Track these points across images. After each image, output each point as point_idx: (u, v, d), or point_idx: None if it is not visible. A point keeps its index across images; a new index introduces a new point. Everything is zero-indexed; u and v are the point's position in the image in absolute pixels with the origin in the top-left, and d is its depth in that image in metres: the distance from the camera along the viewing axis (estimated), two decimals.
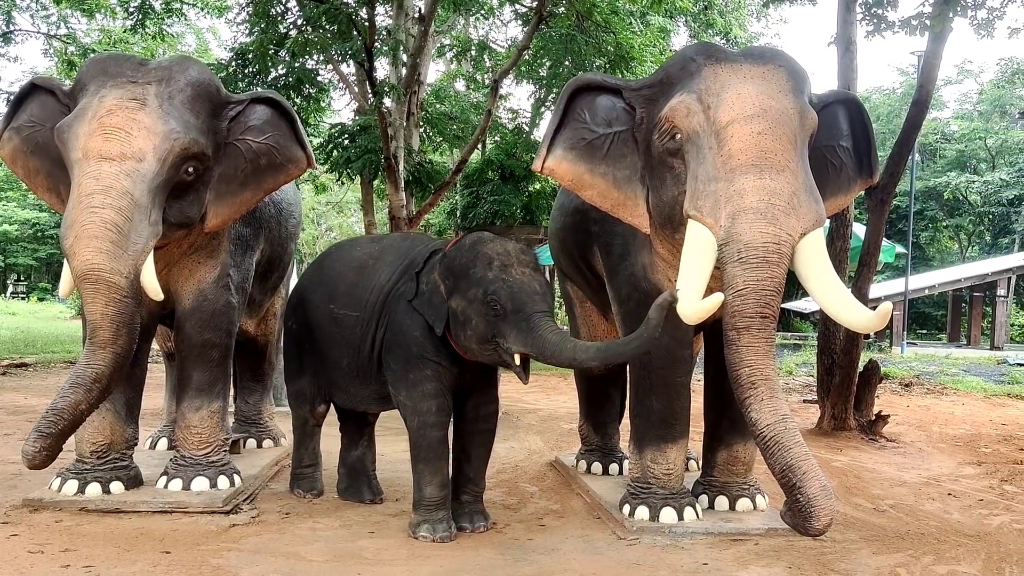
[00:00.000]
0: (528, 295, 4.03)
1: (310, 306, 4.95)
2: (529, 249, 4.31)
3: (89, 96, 4.26)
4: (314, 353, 4.97)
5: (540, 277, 4.16)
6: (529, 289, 4.05)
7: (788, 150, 3.79)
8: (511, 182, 21.92)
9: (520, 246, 4.28)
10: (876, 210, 7.94)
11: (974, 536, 4.59)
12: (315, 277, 5.06)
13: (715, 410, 4.88)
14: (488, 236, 4.30)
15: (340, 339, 4.72)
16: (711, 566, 3.94)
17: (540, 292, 4.07)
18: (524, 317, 3.99)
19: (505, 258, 4.13)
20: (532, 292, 4.04)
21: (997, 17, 8.06)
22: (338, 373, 4.83)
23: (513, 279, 4.06)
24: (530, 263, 4.19)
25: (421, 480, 4.35)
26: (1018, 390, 12.12)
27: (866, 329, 3.94)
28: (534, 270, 4.17)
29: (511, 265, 4.11)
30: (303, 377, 5.08)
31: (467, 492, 4.52)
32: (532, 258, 4.25)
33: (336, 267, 4.92)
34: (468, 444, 4.55)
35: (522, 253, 4.21)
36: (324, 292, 4.85)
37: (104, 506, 4.54)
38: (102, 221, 3.95)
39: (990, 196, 29.97)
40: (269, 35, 11.67)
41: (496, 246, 4.20)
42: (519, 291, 4.03)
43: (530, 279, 4.09)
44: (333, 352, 4.80)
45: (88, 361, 3.98)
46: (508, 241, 4.28)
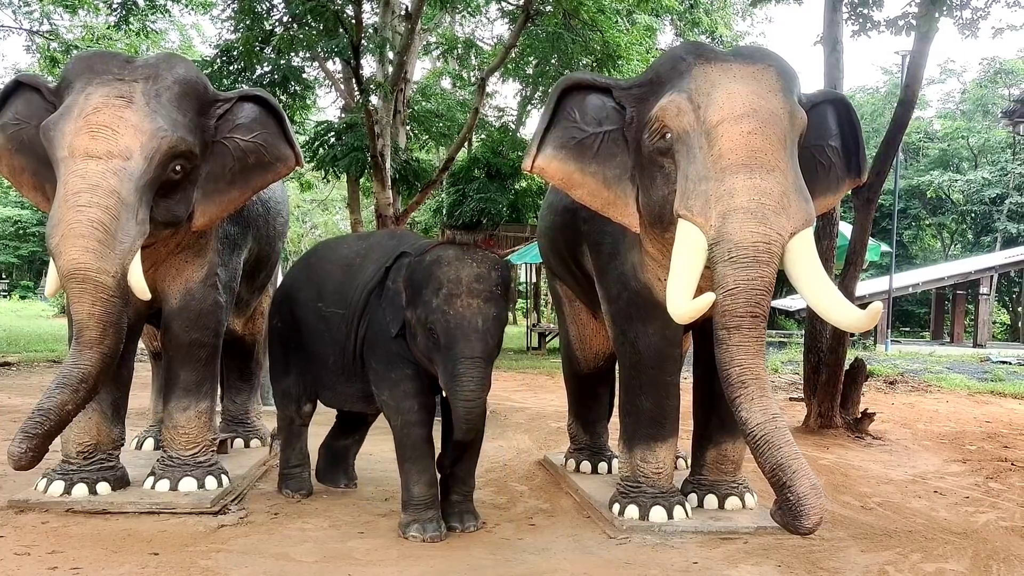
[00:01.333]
0: (464, 334, 3.95)
1: (298, 304, 4.93)
2: (491, 273, 4.11)
3: (75, 94, 4.22)
4: (301, 351, 4.95)
5: (491, 309, 4.03)
6: (468, 327, 3.95)
7: (778, 150, 3.80)
8: (497, 180, 21.94)
9: (479, 270, 4.08)
10: (862, 209, 7.97)
11: (961, 534, 4.61)
12: (302, 275, 5.04)
13: (704, 409, 4.89)
14: (449, 256, 4.13)
15: (327, 338, 4.71)
16: (701, 565, 3.94)
17: (480, 330, 3.97)
18: (452, 359, 3.96)
19: (454, 286, 4.01)
20: (471, 331, 3.95)
21: (981, 17, 8.12)
22: (325, 372, 4.81)
23: (454, 312, 3.97)
24: (483, 292, 4.03)
25: (408, 480, 4.34)
26: (1001, 388, 12.23)
27: (856, 328, 3.95)
28: (486, 300, 4.02)
29: (459, 296, 3.99)
30: (289, 376, 5.07)
31: (457, 492, 4.51)
32: (488, 285, 4.06)
33: (324, 265, 4.90)
34: (457, 444, 4.54)
35: (476, 280, 4.04)
36: (312, 291, 4.83)
37: (91, 507, 4.51)
38: (89, 220, 3.91)
39: (972, 195, 30.17)
40: (255, 32, 11.61)
41: (450, 271, 4.06)
42: (455, 328, 3.96)
43: (474, 314, 3.98)
44: (320, 350, 4.78)
45: (75, 361, 3.95)
46: (469, 262, 4.10)
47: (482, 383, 3.98)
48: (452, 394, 4.00)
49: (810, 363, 8.14)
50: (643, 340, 4.53)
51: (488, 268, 4.13)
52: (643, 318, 4.53)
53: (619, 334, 4.68)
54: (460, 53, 17.70)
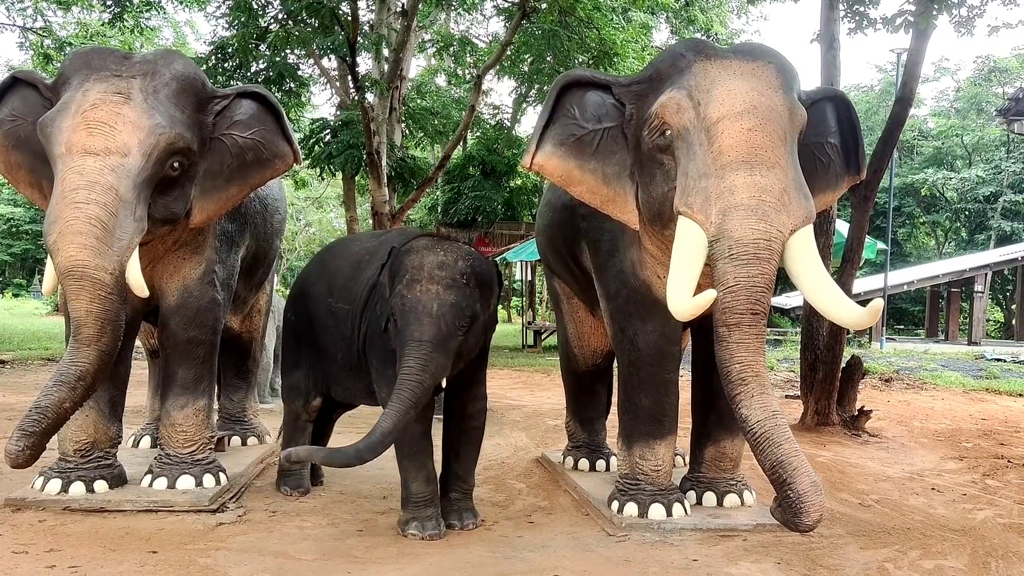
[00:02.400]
0: (416, 316, 3.93)
1: (310, 299, 4.95)
2: (457, 262, 4.08)
3: (72, 90, 4.20)
4: (312, 346, 4.96)
5: (449, 295, 3.97)
6: (421, 311, 3.93)
7: (778, 147, 3.80)
8: (493, 178, 21.94)
9: (444, 258, 4.06)
10: (859, 207, 7.98)
11: (959, 530, 4.62)
12: (316, 271, 5.07)
13: (703, 406, 4.89)
14: (421, 244, 4.15)
15: (336, 333, 4.71)
16: (700, 562, 3.94)
17: (434, 314, 3.93)
18: (403, 341, 3.95)
19: (416, 272, 4.01)
20: (423, 314, 3.92)
21: (977, 15, 8.12)
22: (335, 366, 4.82)
23: (411, 296, 3.96)
24: (444, 279, 3.99)
25: (407, 477, 4.33)
26: (996, 385, 12.27)
27: (856, 326, 3.95)
28: (446, 287, 3.98)
29: (419, 281, 3.99)
30: (299, 370, 5.06)
31: (456, 489, 4.51)
32: (451, 273, 4.02)
33: (336, 261, 4.92)
34: (456, 442, 4.55)
35: (439, 268, 4.02)
36: (324, 286, 4.85)
37: (88, 505, 4.49)
38: (86, 217, 3.89)
39: (967, 193, 30.26)
40: (250, 29, 11.59)
41: (416, 258, 4.06)
42: (409, 311, 3.94)
43: (430, 298, 3.95)
44: (330, 346, 4.79)
45: (72, 359, 3.93)
46: (436, 251, 4.10)
47: (424, 365, 3.88)
48: (399, 376, 3.92)
49: (807, 361, 8.15)
50: (642, 337, 4.53)
51: (455, 257, 4.10)
52: (642, 315, 4.53)
53: (618, 331, 4.68)
54: (456, 50, 17.67)
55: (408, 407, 3.85)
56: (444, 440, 4.57)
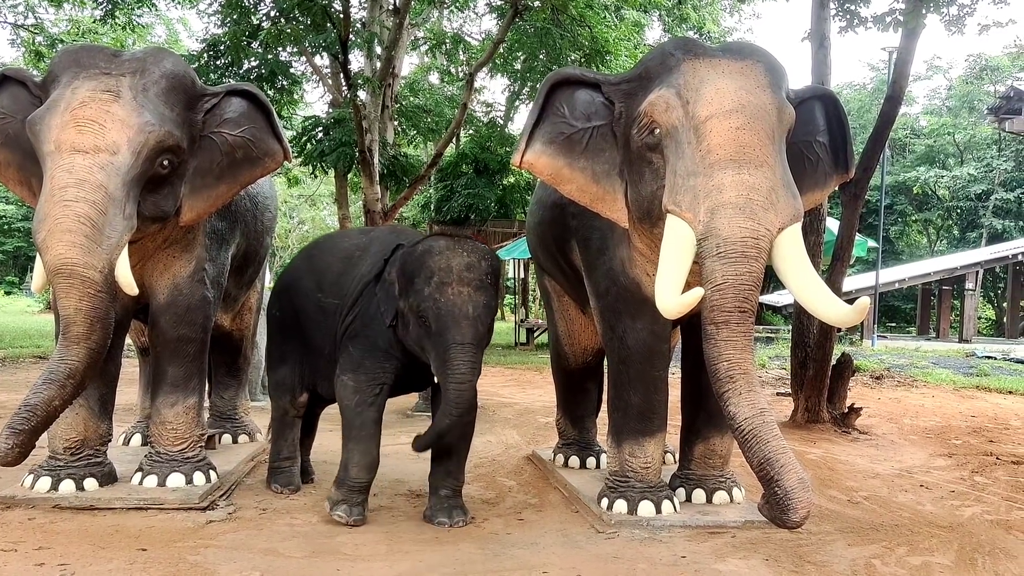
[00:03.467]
0: (455, 320, 4.03)
1: (298, 295, 4.95)
2: (480, 262, 4.20)
3: (62, 88, 4.19)
4: (299, 341, 4.96)
5: (481, 297, 4.12)
6: (459, 313, 4.04)
7: (766, 145, 3.81)
8: (485, 175, 21.91)
9: (470, 259, 4.18)
10: (849, 204, 8.01)
11: (947, 527, 4.64)
12: (304, 266, 5.07)
13: (692, 404, 4.90)
14: (441, 245, 4.22)
15: (325, 328, 4.72)
16: (689, 559, 3.96)
17: (471, 316, 4.06)
18: (444, 346, 4.04)
19: (445, 274, 4.09)
20: (461, 317, 4.04)
21: (968, 14, 8.14)
22: (322, 362, 4.82)
23: (445, 300, 4.05)
24: (473, 281, 4.12)
25: (350, 459, 4.40)
26: (986, 382, 12.31)
27: (843, 324, 3.97)
28: (476, 289, 4.11)
29: (449, 283, 4.08)
30: (285, 365, 5.07)
31: (446, 487, 4.51)
32: (478, 274, 4.15)
33: (325, 257, 4.93)
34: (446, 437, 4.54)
35: (467, 269, 4.13)
36: (312, 281, 4.85)
37: (78, 503, 4.49)
38: (75, 215, 3.89)
39: (958, 191, 30.34)
40: (242, 26, 11.55)
41: (441, 260, 4.14)
42: (446, 314, 4.04)
43: (465, 301, 4.07)
44: (318, 341, 4.80)
45: (62, 357, 3.93)
46: (460, 252, 4.19)
47: (473, 367, 4.06)
48: (443, 379, 4.07)
49: (797, 358, 8.18)
50: (631, 335, 4.54)
51: (478, 258, 4.21)
52: (631, 313, 4.54)
53: (608, 329, 4.69)
54: (448, 48, 17.66)
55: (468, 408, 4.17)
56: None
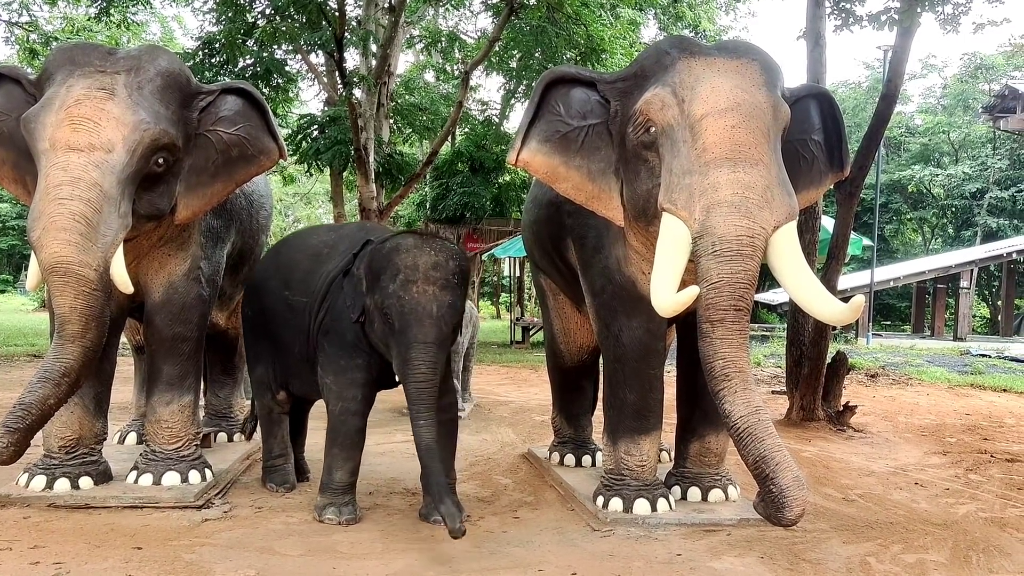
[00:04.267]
0: (418, 318, 4.02)
1: (266, 293, 4.95)
2: (448, 262, 4.16)
3: (56, 86, 4.19)
4: (270, 340, 4.97)
5: (446, 296, 4.08)
6: (422, 312, 4.02)
7: (762, 144, 3.81)
8: (481, 174, 21.90)
9: (437, 258, 4.14)
10: (845, 203, 8.02)
11: (941, 525, 4.66)
12: (272, 265, 5.07)
13: (688, 402, 4.91)
14: (408, 243, 4.20)
15: (294, 326, 4.72)
16: (684, 556, 3.97)
17: (435, 316, 4.03)
18: (406, 344, 4.03)
19: (411, 272, 4.07)
20: (424, 315, 4.01)
21: (963, 12, 8.15)
22: (292, 360, 4.81)
23: (409, 298, 4.04)
24: (438, 280, 4.08)
25: (333, 464, 4.42)
26: (981, 380, 12.33)
27: (838, 322, 3.97)
28: (441, 288, 4.08)
29: (415, 281, 4.05)
30: (260, 364, 5.08)
31: None
32: (444, 273, 4.12)
33: (293, 254, 4.93)
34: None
35: (433, 268, 4.10)
36: (280, 279, 4.85)
37: (73, 502, 4.48)
38: (70, 213, 3.88)
39: (953, 189, 30.36)
40: (237, 24, 11.55)
41: (408, 257, 4.12)
42: (410, 312, 4.03)
43: (429, 300, 4.04)
44: (287, 339, 4.79)
45: (57, 355, 3.92)
46: (427, 250, 4.16)
47: (433, 367, 4.04)
48: (403, 378, 4.07)
49: (792, 356, 8.19)
50: (627, 333, 4.55)
51: (446, 257, 4.18)
52: (627, 311, 4.54)
53: (603, 327, 4.69)
54: (444, 46, 17.65)
55: (433, 412, 4.06)
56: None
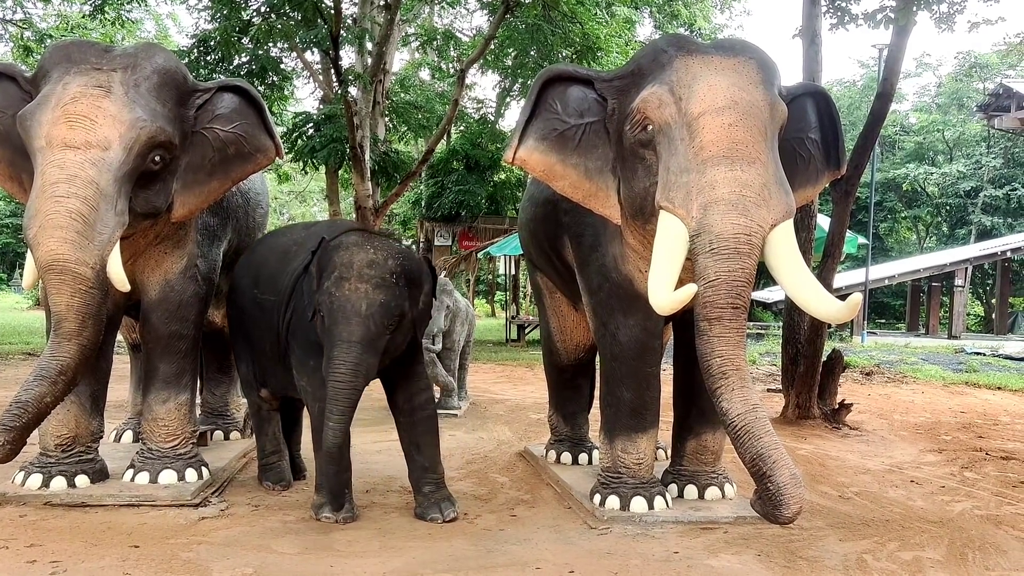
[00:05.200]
0: (345, 316, 3.98)
1: (241, 292, 4.98)
2: (386, 261, 4.10)
3: (52, 83, 4.18)
4: (246, 339, 4.98)
5: (378, 295, 4.01)
6: (350, 310, 3.98)
7: (759, 142, 3.82)
8: (476, 172, 21.93)
9: (374, 257, 4.09)
10: (840, 201, 8.04)
11: (937, 522, 4.67)
12: (246, 263, 5.09)
13: (684, 400, 4.92)
14: (350, 241, 4.17)
15: (264, 324, 4.72)
16: (682, 554, 3.97)
17: (363, 314, 3.97)
18: (332, 342, 4.01)
19: (345, 270, 4.04)
20: (352, 314, 3.97)
21: (958, 11, 8.17)
22: (266, 359, 4.82)
23: (339, 295, 4.00)
24: (372, 278, 4.03)
25: (323, 466, 4.42)
26: (975, 378, 12.37)
27: (835, 319, 3.98)
28: (375, 287, 4.02)
29: (348, 279, 4.02)
30: (243, 362, 5.11)
31: (427, 482, 4.51)
32: (380, 272, 4.05)
33: (263, 253, 4.94)
34: (413, 435, 4.55)
35: (368, 266, 4.05)
36: (251, 278, 4.87)
37: (69, 500, 4.47)
38: (67, 211, 3.88)
39: (948, 188, 30.42)
40: (232, 22, 11.54)
41: (345, 255, 4.09)
42: (337, 310, 4.00)
43: (359, 298, 3.99)
44: (259, 338, 4.80)
45: (53, 353, 3.92)
46: (367, 248, 4.11)
47: (355, 368, 3.98)
48: (326, 376, 4.02)
49: (788, 355, 8.20)
50: (624, 331, 4.55)
51: (385, 256, 4.12)
52: (624, 310, 4.54)
53: (600, 326, 4.69)
54: (439, 44, 17.63)
55: (347, 414, 4.01)
56: (401, 438, 4.60)
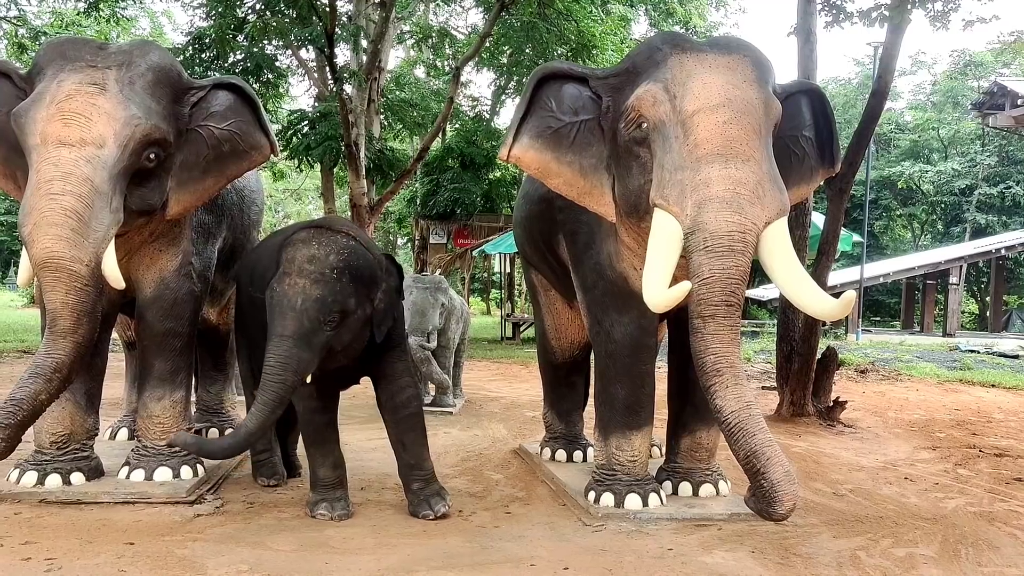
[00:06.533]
0: (281, 311, 3.97)
1: (240, 290, 5.02)
2: (329, 256, 4.05)
3: (47, 80, 4.17)
4: (245, 336, 5.01)
5: (315, 290, 3.96)
6: (286, 304, 3.96)
7: (753, 140, 3.83)
8: (471, 170, 21.93)
9: (317, 252, 4.05)
10: (835, 199, 8.05)
11: (931, 519, 4.68)
12: (245, 261, 5.14)
13: (679, 397, 4.93)
14: (300, 236, 4.15)
15: (258, 322, 4.71)
16: (676, 551, 3.98)
17: (297, 309, 3.94)
18: (269, 336, 4.01)
19: (288, 265, 4.03)
20: (287, 308, 3.95)
21: (952, 9, 8.19)
22: (259, 355, 4.82)
23: (280, 290, 4.00)
24: (312, 273, 3.98)
25: (314, 462, 4.48)
26: (970, 376, 12.41)
27: (829, 317, 4.00)
28: (313, 281, 3.97)
29: (290, 274, 4.00)
30: (242, 360, 5.15)
31: (415, 479, 4.51)
32: (320, 267, 4.00)
33: (260, 250, 4.94)
34: (397, 433, 4.55)
35: (309, 262, 4.01)
36: (247, 275, 4.87)
37: (65, 497, 4.47)
38: (62, 208, 3.87)
39: (942, 186, 30.49)
40: (227, 19, 11.52)
41: (291, 251, 4.08)
42: (275, 305, 4.00)
43: (296, 293, 3.96)
44: (254, 334, 4.79)
45: (48, 351, 3.92)
46: (312, 244, 4.08)
47: (284, 363, 3.95)
48: (263, 374, 4.01)
49: (782, 352, 8.22)
50: (618, 329, 4.56)
51: (327, 251, 4.08)
52: (619, 307, 4.55)
53: (594, 323, 4.70)
54: (434, 42, 17.65)
55: (273, 407, 3.98)
56: (389, 436, 4.60)
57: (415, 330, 7.71)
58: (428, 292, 8.02)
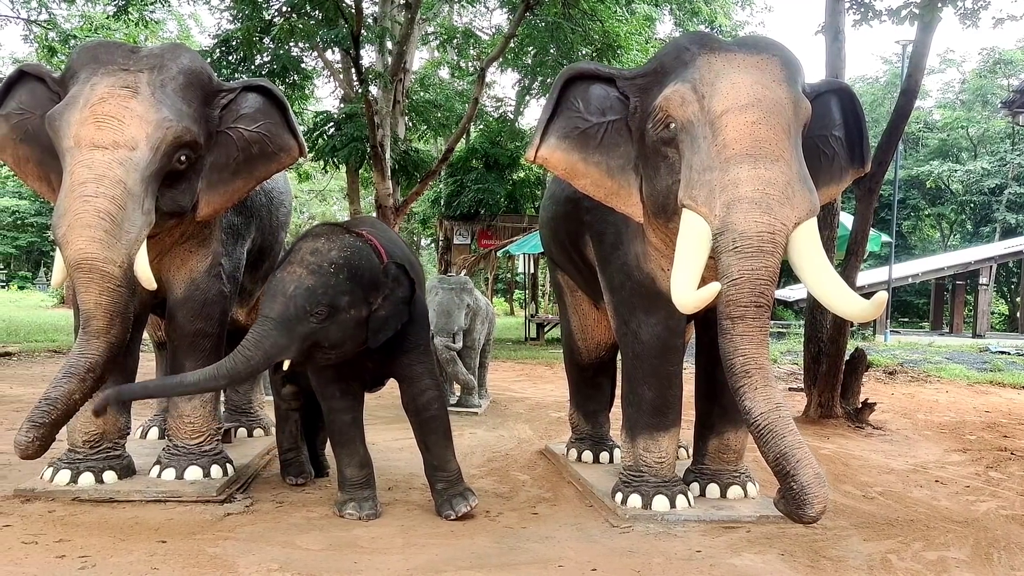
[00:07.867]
0: (272, 294, 3.99)
1: None
2: (331, 251, 4.06)
3: (80, 84, 4.22)
4: None
5: (309, 279, 3.96)
6: (278, 289, 3.98)
7: (782, 140, 3.80)
8: (495, 171, 21.96)
9: (320, 245, 4.08)
10: (864, 199, 7.99)
11: (962, 522, 4.64)
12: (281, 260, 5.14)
13: (706, 398, 4.91)
14: (314, 231, 4.22)
15: None
16: (704, 553, 3.97)
17: (288, 294, 3.94)
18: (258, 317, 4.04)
19: (292, 255, 4.09)
20: (278, 292, 3.97)
21: (982, 7, 8.11)
22: None
23: (278, 276, 4.05)
24: (311, 264, 4.00)
25: (341, 463, 4.52)
26: (1000, 378, 12.27)
27: (860, 318, 3.96)
28: (310, 272, 3.98)
29: (292, 263, 4.05)
30: None
31: (439, 480, 4.53)
32: (320, 259, 4.02)
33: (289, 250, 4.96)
34: (421, 434, 4.57)
35: (311, 253, 4.04)
36: None
37: (97, 496, 4.52)
38: (95, 210, 3.92)
39: (972, 185, 30.20)
40: (254, 22, 11.61)
41: (299, 243, 4.15)
42: (270, 288, 4.05)
43: (291, 279, 3.98)
44: None
45: (82, 351, 3.96)
46: (320, 239, 4.12)
47: (258, 343, 3.93)
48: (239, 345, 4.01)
49: (810, 353, 8.16)
50: (646, 330, 4.55)
51: (331, 247, 4.09)
52: (646, 308, 4.54)
53: (621, 324, 4.69)
54: (459, 43, 17.68)
55: (224, 376, 3.98)
56: (415, 437, 4.62)
57: (441, 331, 7.73)
58: (454, 293, 8.04)
